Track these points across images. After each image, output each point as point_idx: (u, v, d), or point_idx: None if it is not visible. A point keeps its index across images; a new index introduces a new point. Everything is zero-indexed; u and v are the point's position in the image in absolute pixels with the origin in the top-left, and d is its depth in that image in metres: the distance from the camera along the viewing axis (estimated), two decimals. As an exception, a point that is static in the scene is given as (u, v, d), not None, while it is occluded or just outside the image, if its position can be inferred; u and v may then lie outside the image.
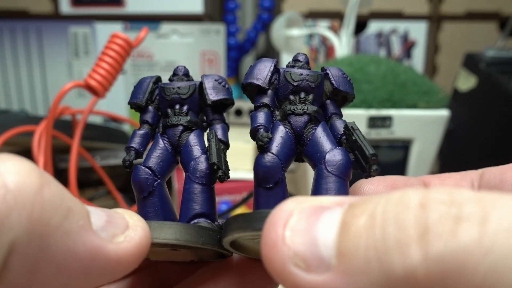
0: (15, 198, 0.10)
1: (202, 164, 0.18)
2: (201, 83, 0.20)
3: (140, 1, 0.70)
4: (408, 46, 0.71)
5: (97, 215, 0.13)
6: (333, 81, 0.19)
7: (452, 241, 0.08)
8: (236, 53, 0.78)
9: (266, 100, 0.19)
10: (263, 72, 0.19)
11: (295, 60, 0.20)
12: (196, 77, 0.21)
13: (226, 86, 0.20)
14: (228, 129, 0.20)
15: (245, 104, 0.71)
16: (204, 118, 0.20)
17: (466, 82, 0.59)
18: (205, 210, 0.18)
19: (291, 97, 0.19)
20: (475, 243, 0.08)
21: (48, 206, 0.11)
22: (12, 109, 0.71)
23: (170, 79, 0.20)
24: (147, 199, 0.18)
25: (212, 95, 0.19)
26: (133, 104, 0.20)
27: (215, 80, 0.20)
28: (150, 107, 0.20)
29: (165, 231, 0.15)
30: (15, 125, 0.43)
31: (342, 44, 0.53)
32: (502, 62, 0.56)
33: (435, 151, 0.50)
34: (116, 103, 0.71)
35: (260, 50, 0.85)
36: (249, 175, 0.53)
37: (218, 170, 0.17)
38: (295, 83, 0.19)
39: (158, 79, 0.20)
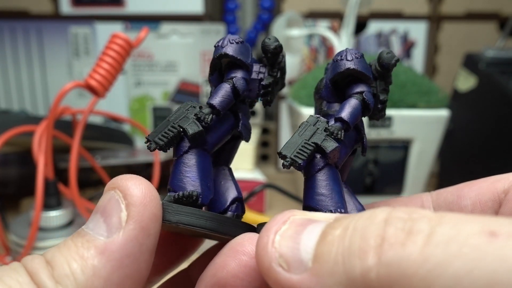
0: None
1: None
2: None
3: (140, 1, 0.70)
4: (408, 46, 0.71)
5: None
6: (329, 75, 0.19)
7: (400, 250, 0.10)
8: (236, 53, 0.77)
9: None
10: None
11: None
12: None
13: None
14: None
15: (245, 104, 0.71)
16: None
17: (466, 82, 0.59)
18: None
19: None
20: (418, 253, 0.10)
21: None
22: (12, 109, 0.71)
23: None
24: None
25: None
26: None
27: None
28: None
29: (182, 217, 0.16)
30: (15, 125, 0.43)
31: (342, 44, 0.53)
32: (502, 62, 0.56)
33: (435, 151, 0.50)
34: (116, 103, 0.71)
35: (260, 50, 0.85)
36: (249, 175, 0.53)
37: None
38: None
39: None
